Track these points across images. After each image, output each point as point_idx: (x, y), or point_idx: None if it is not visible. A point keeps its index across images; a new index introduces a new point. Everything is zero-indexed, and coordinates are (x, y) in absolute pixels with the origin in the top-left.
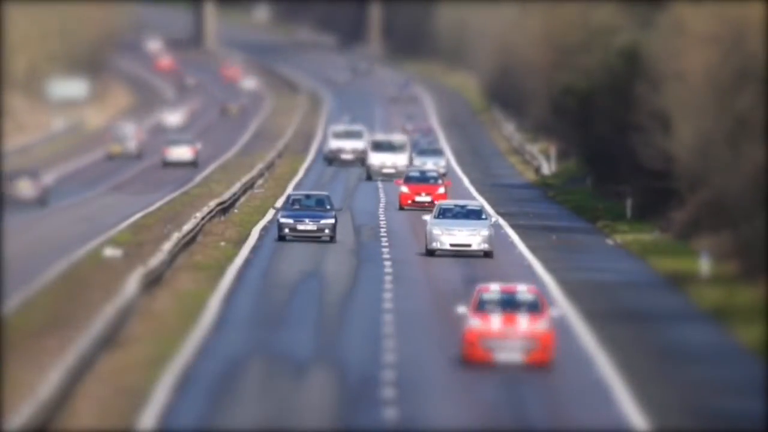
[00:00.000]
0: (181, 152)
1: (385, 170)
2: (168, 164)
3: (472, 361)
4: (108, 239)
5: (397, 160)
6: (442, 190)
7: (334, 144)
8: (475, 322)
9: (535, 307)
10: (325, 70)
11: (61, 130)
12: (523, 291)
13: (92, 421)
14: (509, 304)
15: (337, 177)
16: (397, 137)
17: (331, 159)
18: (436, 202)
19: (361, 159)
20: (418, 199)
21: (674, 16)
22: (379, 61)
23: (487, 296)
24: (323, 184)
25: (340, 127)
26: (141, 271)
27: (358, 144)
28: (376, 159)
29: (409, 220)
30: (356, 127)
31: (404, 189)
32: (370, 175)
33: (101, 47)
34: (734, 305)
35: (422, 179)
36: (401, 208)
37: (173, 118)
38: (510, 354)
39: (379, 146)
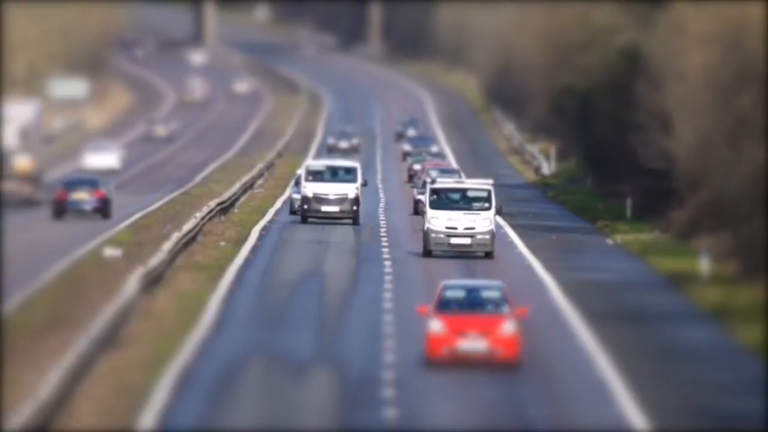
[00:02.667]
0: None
1: (325, 207)
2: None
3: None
4: (108, 239)
5: (347, 191)
6: (508, 328)
7: (312, 188)
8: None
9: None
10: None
11: (60, 130)
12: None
13: (92, 421)
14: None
15: None
16: (348, 163)
17: (306, 214)
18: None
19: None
20: (464, 346)
21: (674, 16)
22: (378, 60)
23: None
24: None
25: (318, 163)
26: (141, 271)
27: (347, 189)
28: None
29: (410, 220)
30: (347, 163)
31: (436, 326)
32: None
33: (101, 47)
34: (734, 305)
35: (470, 303)
36: (432, 361)
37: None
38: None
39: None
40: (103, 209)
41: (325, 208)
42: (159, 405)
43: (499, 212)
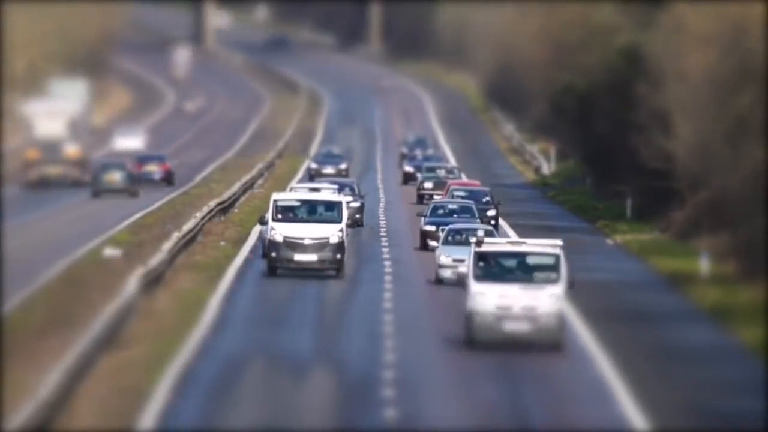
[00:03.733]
0: (130, 141)
1: (299, 256)
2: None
3: None
4: (108, 239)
5: (329, 234)
6: None
7: (281, 230)
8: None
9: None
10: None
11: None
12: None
13: (92, 421)
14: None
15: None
16: (330, 196)
17: (275, 264)
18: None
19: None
20: None
21: (674, 15)
22: (378, 60)
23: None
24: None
25: (289, 197)
26: (141, 271)
27: (329, 231)
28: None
29: (410, 220)
30: (329, 196)
31: None
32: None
33: (101, 47)
34: (734, 305)
35: None
36: None
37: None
38: None
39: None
40: (169, 179)
41: (299, 257)
42: (159, 405)
43: (571, 286)
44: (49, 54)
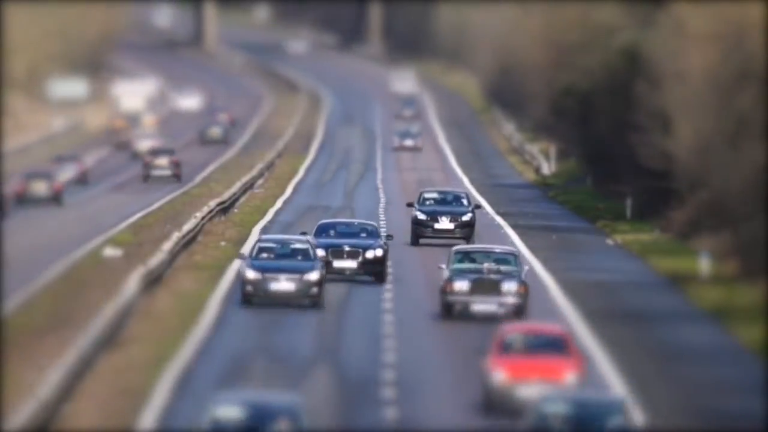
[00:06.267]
0: (190, 102)
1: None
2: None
3: None
4: (108, 239)
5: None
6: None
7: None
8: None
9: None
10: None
11: (61, 130)
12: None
13: (92, 421)
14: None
15: (338, 176)
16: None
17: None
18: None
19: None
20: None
21: (674, 15)
22: (378, 61)
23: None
24: (324, 183)
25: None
26: (141, 271)
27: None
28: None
29: (410, 219)
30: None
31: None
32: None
33: (101, 47)
34: (734, 305)
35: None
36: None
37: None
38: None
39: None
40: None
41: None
42: (159, 405)
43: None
44: (50, 54)
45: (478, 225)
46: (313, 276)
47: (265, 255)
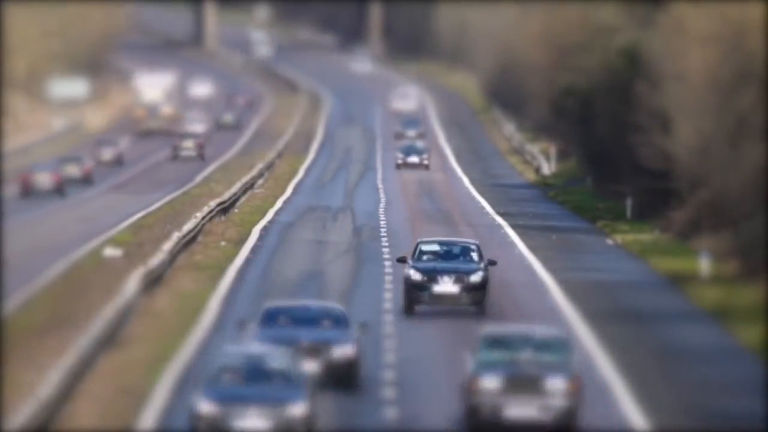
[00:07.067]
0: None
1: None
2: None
3: None
4: (108, 239)
5: None
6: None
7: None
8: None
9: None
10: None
11: (61, 129)
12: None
13: (92, 421)
14: None
15: (338, 176)
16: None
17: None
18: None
19: None
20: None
21: (674, 16)
22: (379, 61)
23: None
24: (324, 182)
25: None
26: (141, 271)
27: None
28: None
29: (410, 220)
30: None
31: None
32: None
33: (101, 47)
34: (734, 305)
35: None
36: None
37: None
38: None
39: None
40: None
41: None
42: (159, 405)
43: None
44: (50, 54)
45: (479, 226)
46: (297, 410)
47: (228, 377)
